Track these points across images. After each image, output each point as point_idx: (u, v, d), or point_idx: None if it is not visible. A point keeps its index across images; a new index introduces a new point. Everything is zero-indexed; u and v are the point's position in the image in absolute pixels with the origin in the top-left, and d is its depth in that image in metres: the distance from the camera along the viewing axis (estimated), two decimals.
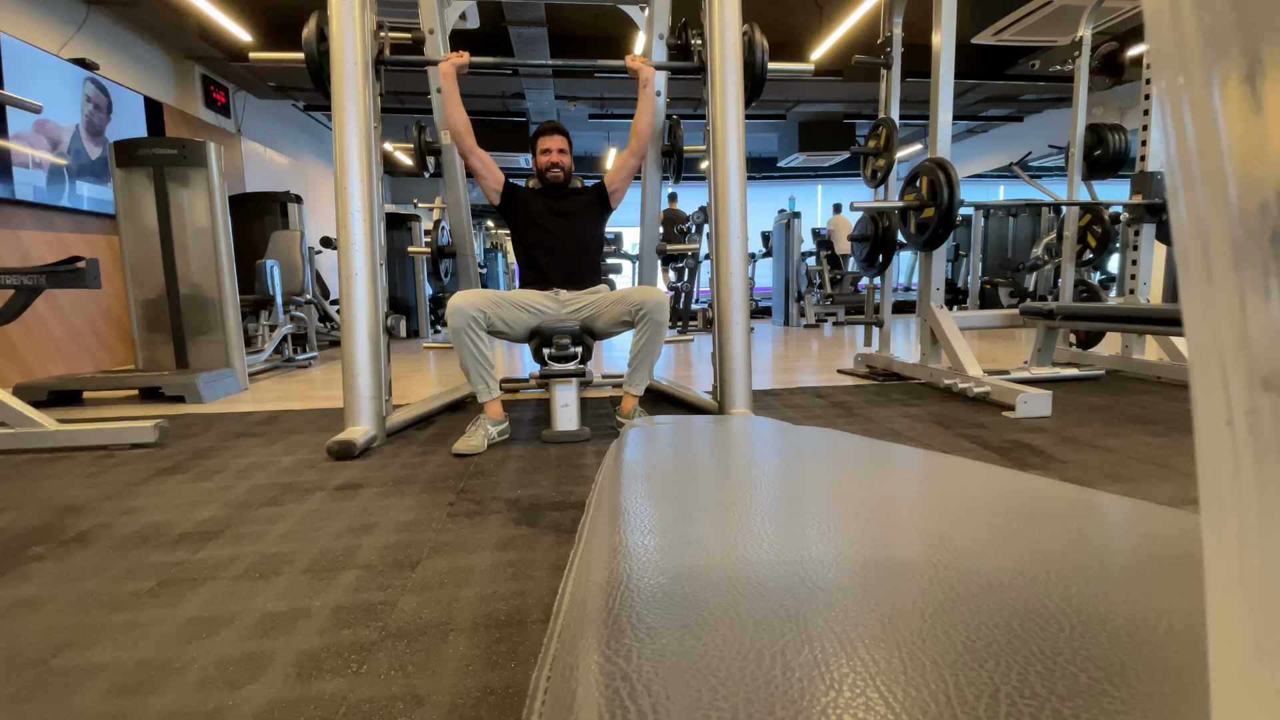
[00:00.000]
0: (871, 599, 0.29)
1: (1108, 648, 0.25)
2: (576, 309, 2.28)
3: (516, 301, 2.19)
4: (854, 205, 3.19)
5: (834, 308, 7.33)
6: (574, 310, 2.28)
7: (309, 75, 2.24)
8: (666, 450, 0.59)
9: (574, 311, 2.27)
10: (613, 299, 2.25)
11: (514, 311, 2.18)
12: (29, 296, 2.12)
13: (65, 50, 4.30)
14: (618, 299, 2.23)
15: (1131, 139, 3.40)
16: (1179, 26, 0.13)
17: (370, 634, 0.94)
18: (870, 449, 0.58)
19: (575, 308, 2.28)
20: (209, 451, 2.04)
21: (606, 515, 0.42)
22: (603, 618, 0.28)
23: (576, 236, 2.35)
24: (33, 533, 1.37)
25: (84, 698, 0.81)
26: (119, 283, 4.47)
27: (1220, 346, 0.13)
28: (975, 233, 7.75)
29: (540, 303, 2.25)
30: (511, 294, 2.22)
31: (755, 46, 2.35)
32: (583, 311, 2.26)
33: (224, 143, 6.13)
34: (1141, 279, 3.29)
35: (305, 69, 2.22)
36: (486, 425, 2.09)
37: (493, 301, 2.12)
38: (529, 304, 2.22)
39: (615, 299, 2.24)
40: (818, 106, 8.97)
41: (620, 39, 6.67)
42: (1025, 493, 0.44)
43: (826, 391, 2.96)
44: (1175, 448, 1.89)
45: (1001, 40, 4.70)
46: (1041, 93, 8.20)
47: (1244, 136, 0.12)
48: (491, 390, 2.14)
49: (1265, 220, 0.12)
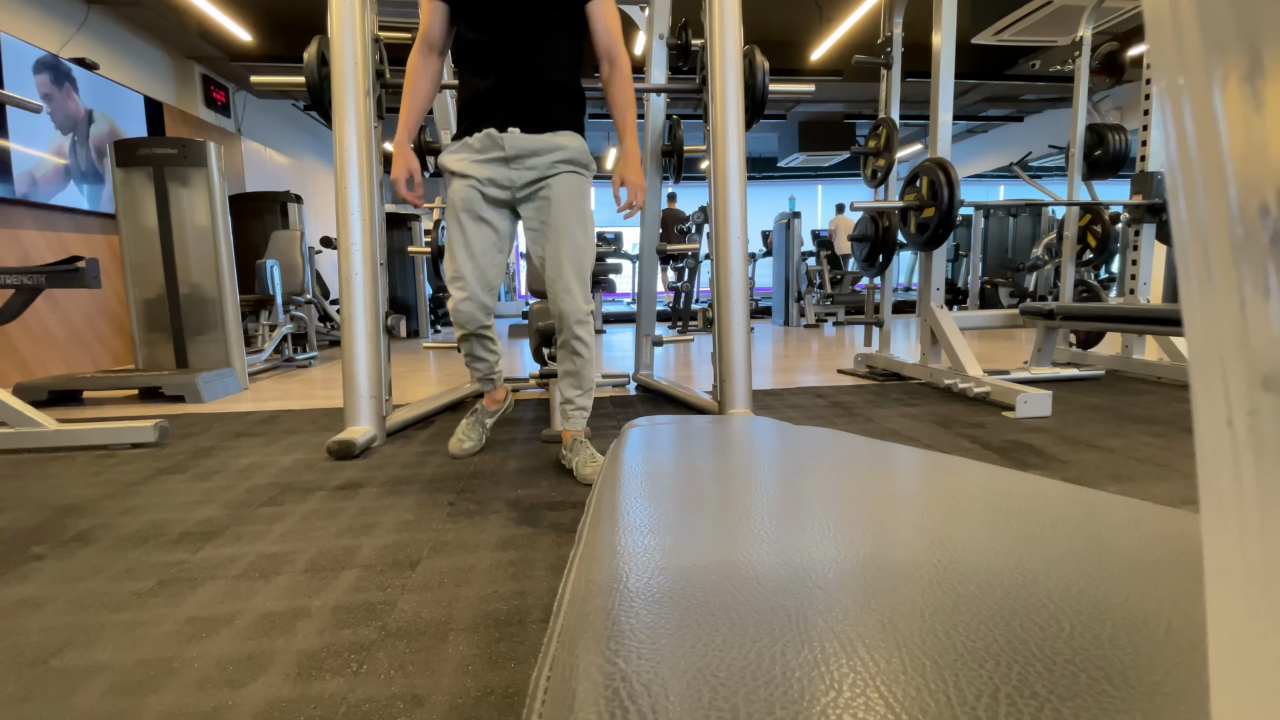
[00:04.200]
0: (871, 599, 0.29)
1: (1108, 648, 0.25)
2: (527, 182, 1.65)
3: (468, 227, 1.65)
4: (854, 205, 3.19)
5: (834, 308, 7.33)
6: (526, 186, 1.65)
7: (311, 99, 2.23)
8: (666, 450, 0.59)
9: (527, 189, 1.66)
10: (562, 217, 1.63)
11: (484, 250, 1.67)
12: (29, 296, 2.12)
13: (65, 50, 4.30)
14: (561, 232, 1.62)
15: (1132, 139, 3.41)
16: (1179, 26, 0.13)
17: (370, 634, 0.94)
18: (870, 449, 0.58)
19: (527, 181, 1.64)
20: (209, 451, 2.04)
21: (606, 515, 0.42)
22: (603, 618, 0.28)
23: (535, 30, 1.59)
24: (33, 532, 1.37)
25: (84, 697, 0.81)
26: (119, 282, 4.47)
27: (1220, 346, 0.13)
28: (975, 233, 7.75)
29: (484, 183, 1.64)
30: (458, 216, 1.65)
31: (756, 68, 2.35)
32: (534, 197, 1.66)
33: (224, 142, 6.13)
34: (1141, 279, 3.29)
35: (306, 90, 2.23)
36: (484, 420, 1.98)
37: (477, 272, 1.67)
38: (476, 209, 1.65)
39: (561, 225, 1.62)
40: (818, 106, 8.98)
41: None
42: (1025, 493, 0.44)
43: (826, 391, 2.96)
44: (1175, 448, 1.89)
45: (1001, 40, 4.70)
46: (1042, 93, 8.20)
47: (1244, 136, 0.12)
48: (497, 380, 1.96)
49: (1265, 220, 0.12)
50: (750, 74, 2.34)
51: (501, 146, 1.62)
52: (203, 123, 5.94)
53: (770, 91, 2.40)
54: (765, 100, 2.39)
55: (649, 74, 2.86)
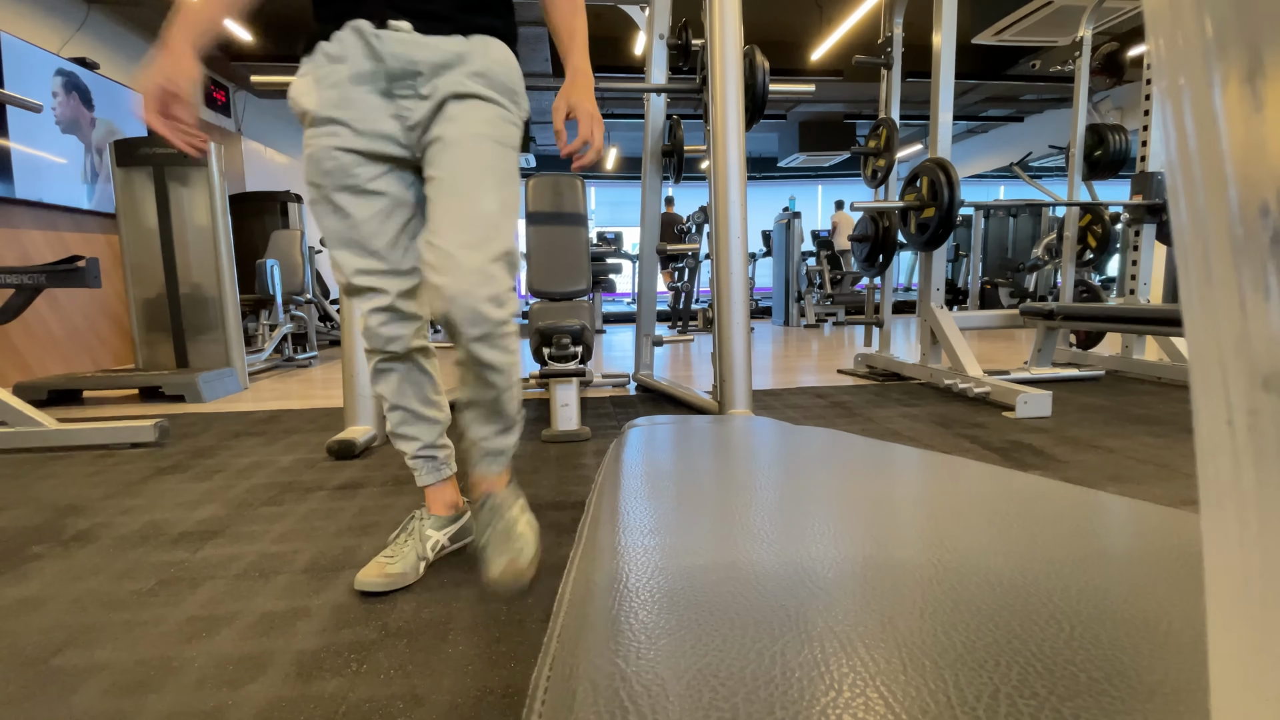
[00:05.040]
0: (871, 599, 0.29)
1: (1108, 648, 0.25)
2: (425, 120, 0.98)
3: (348, 208, 0.99)
4: (854, 205, 3.19)
5: (834, 308, 7.33)
6: (427, 126, 0.98)
7: None
8: (666, 450, 0.59)
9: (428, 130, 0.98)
10: (460, 168, 0.95)
11: (377, 232, 1.01)
12: (29, 296, 2.12)
13: (65, 50, 4.30)
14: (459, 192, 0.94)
15: (1132, 139, 3.41)
16: (1179, 26, 0.13)
17: (370, 633, 0.94)
18: (870, 449, 0.58)
19: (425, 117, 0.98)
20: (209, 451, 2.04)
21: (606, 515, 0.42)
22: (603, 618, 0.28)
23: None
24: (32, 532, 1.37)
25: (84, 697, 0.81)
26: (119, 282, 4.47)
27: (1220, 346, 0.13)
28: (975, 233, 7.74)
29: (363, 135, 0.97)
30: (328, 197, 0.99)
31: (756, 68, 2.35)
32: (430, 130, 0.98)
33: (224, 142, 6.13)
34: (1141, 279, 3.29)
35: None
36: (426, 534, 1.14)
37: (381, 265, 1.03)
38: (354, 180, 0.98)
39: (460, 179, 0.95)
40: (818, 106, 8.98)
41: (621, 39, 6.67)
42: (1025, 493, 0.44)
43: (826, 391, 2.96)
44: (1175, 448, 1.89)
45: (1002, 40, 4.70)
46: (1042, 93, 8.20)
47: (1244, 136, 0.12)
48: (439, 465, 1.17)
49: (1265, 220, 0.12)
50: (750, 74, 2.34)
51: (378, 55, 0.94)
52: (203, 122, 5.94)
53: (770, 91, 2.40)
54: (765, 100, 2.39)
55: (649, 74, 2.86)
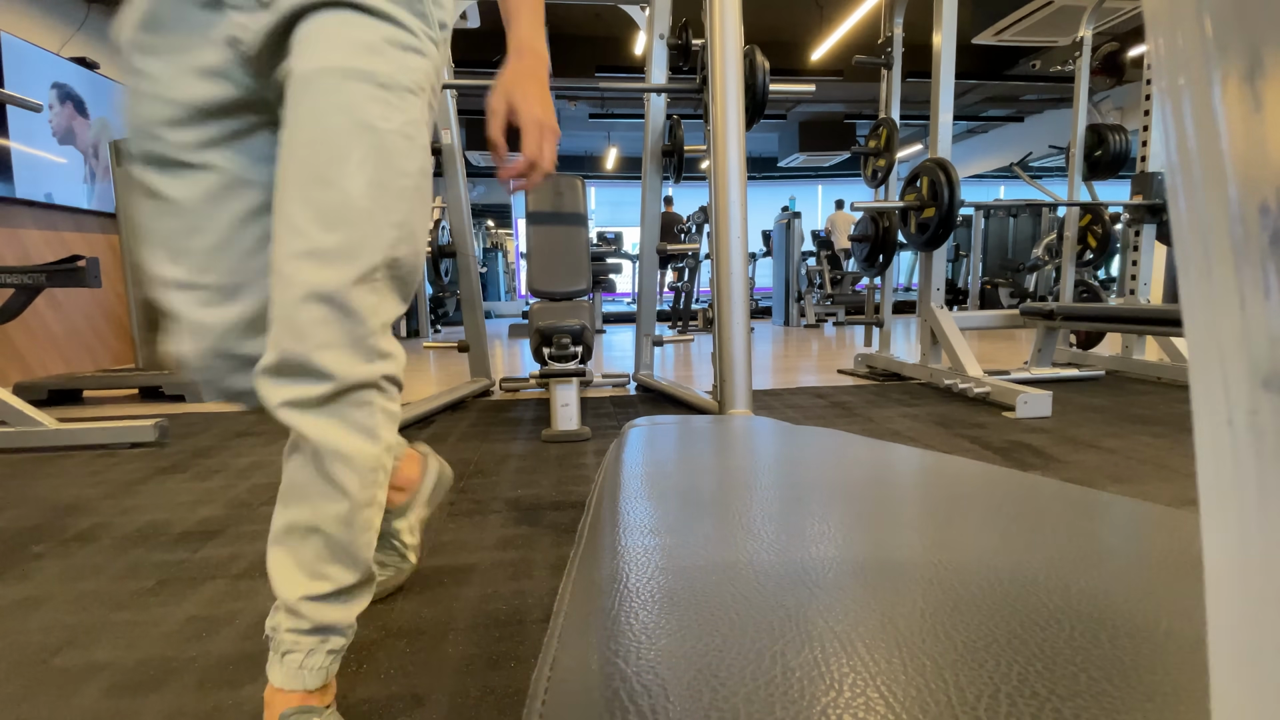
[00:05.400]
0: (871, 599, 0.29)
1: (1108, 648, 0.25)
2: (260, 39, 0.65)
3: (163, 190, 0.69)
4: (854, 205, 3.19)
5: (834, 308, 7.33)
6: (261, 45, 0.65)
7: None
8: (666, 450, 0.59)
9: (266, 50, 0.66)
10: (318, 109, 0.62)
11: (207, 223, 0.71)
12: (29, 295, 2.12)
13: (65, 50, 4.30)
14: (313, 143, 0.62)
15: (1132, 139, 3.41)
16: (1179, 26, 0.13)
17: (370, 633, 0.94)
18: (870, 449, 0.58)
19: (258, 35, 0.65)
20: (209, 451, 2.04)
21: (606, 515, 0.42)
22: (603, 618, 0.28)
23: None
24: (33, 531, 1.37)
25: (84, 697, 0.81)
26: (119, 282, 4.47)
27: (1220, 346, 0.13)
28: (975, 233, 7.75)
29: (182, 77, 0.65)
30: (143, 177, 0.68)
31: (757, 68, 2.35)
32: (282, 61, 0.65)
33: None
34: (1141, 279, 3.29)
35: None
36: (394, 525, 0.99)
37: (182, 267, 0.72)
38: (172, 149, 0.67)
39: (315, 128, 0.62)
40: (818, 106, 8.99)
41: (620, 39, 6.67)
42: (1025, 493, 0.44)
43: (826, 391, 2.96)
44: (1175, 448, 1.89)
45: (1002, 40, 4.71)
46: (1042, 93, 8.21)
47: (1244, 136, 0.12)
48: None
49: (1265, 220, 0.12)
50: (751, 74, 2.33)
51: None
52: None
53: (770, 91, 2.39)
54: (766, 100, 2.39)
55: (649, 74, 2.86)
